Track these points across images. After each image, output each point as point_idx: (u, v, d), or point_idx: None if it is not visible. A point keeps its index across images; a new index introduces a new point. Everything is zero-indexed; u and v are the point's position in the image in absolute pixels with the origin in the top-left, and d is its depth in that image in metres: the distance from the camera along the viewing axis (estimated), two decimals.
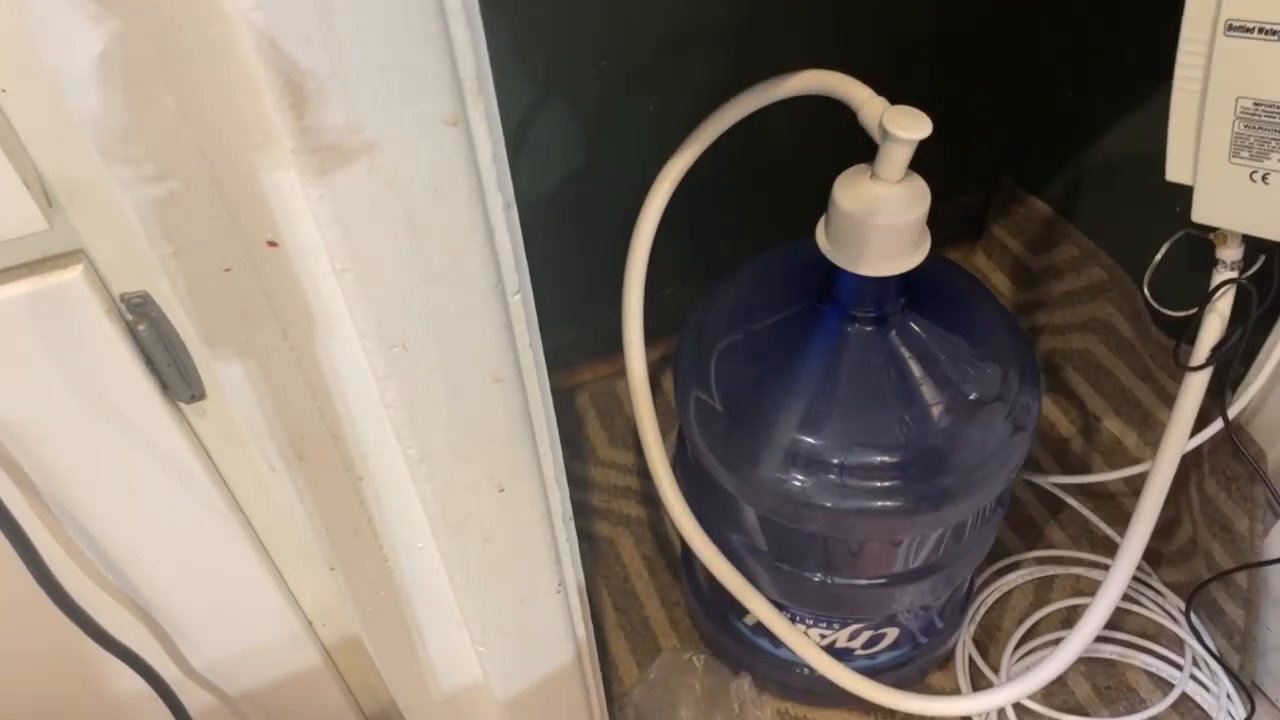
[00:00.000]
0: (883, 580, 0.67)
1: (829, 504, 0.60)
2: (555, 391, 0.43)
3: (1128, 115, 0.93)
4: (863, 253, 0.56)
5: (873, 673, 0.75)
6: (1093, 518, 0.93)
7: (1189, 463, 0.86)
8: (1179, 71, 0.51)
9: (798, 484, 0.60)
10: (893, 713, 0.81)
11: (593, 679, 0.59)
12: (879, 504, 0.59)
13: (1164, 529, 0.90)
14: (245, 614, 0.54)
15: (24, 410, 0.40)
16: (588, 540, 0.94)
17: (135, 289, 0.38)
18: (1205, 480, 0.81)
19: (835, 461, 0.59)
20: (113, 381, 0.40)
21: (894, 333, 0.61)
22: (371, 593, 0.46)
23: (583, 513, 0.96)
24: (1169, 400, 0.95)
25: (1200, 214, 0.55)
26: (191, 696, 0.56)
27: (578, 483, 0.99)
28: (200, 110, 0.28)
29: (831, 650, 0.74)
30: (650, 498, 0.96)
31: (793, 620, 0.72)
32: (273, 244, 0.32)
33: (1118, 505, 0.94)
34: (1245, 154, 0.47)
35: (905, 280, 0.58)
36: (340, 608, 0.53)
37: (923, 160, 0.55)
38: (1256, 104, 0.45)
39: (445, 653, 0.51)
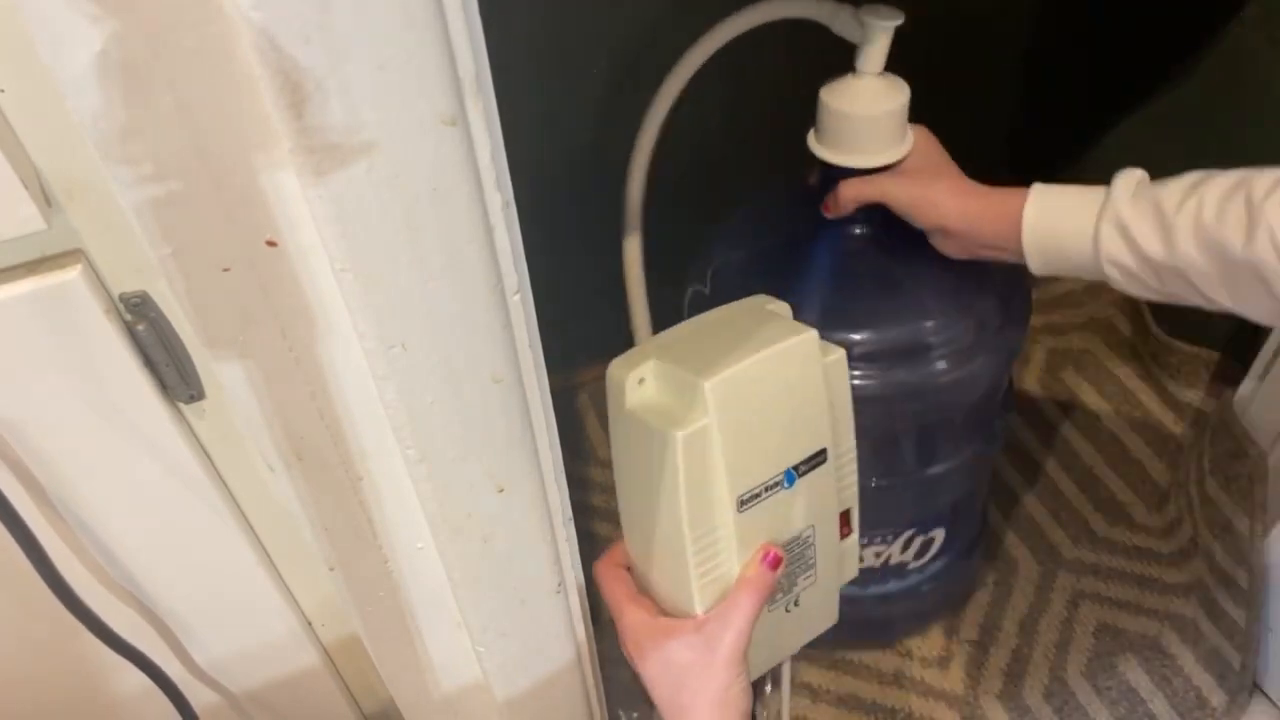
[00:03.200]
0: (928, 469, 0.71)
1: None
2: (555, 391, 0.43)
3: (1127, 116, 0.93)
4: (852, 146, 0.60)
5: (919, 590, 0.79)
6: (1093, 517, 0.93)
7: (1190, 463, 0.86)
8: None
9: None
10: (893, 712, 0.81)
11: (593, 679, 0.59)
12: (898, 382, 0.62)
13: (1164, 529, 0.90)
14: (245, 613, 0.54)
15: (24, 410, 0.40)
16: (588, 540, 0.94)
17: (134, 289, 0.38)
18: (1205, 481, 0.81)
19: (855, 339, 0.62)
20: (112, 381, 0.40)
21: (891, 234, 0.63)
22: (371, 593, 0.46)
23: (583, 513, 0.96)
24: (1169, 400, 0.95)
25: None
26: (196, 694, 0.56)
27: (578, 483, 0.99)
28: (199, 110, 0.28)
29: (886, 568, 0.77)
30: None
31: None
32: (272, 244, 0.32)
33: (1117, 505, 0.94)
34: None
35: None
36: (340, 608, 0.53)
37: None
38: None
39: (445, 653, 0.51)
